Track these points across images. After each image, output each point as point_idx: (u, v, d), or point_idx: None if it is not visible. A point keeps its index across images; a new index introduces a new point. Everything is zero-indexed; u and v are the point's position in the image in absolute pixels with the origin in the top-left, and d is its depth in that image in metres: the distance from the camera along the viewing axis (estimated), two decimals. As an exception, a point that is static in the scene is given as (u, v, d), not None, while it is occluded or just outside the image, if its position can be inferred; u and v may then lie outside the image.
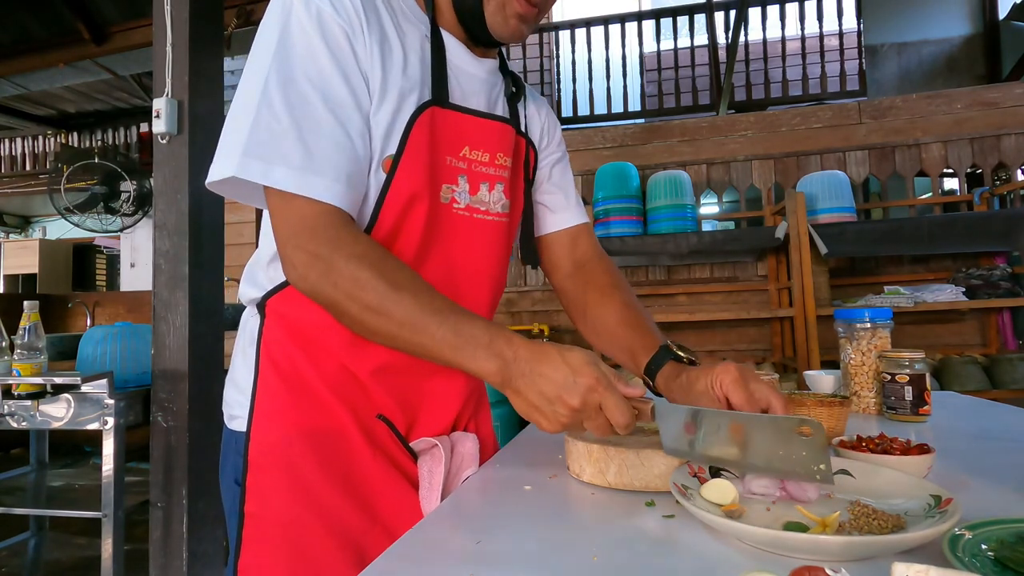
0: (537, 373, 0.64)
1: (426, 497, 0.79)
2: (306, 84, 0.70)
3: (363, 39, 0.73)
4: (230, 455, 0.82)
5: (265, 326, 0.81)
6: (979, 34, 5.81)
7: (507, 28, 0.80)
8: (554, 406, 0.64)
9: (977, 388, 2.89)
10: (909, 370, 1.05)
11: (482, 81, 0.86)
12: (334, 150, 0.70)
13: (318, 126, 0.69)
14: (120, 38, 3.92)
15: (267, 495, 0.76)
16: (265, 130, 0.68)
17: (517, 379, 0.65)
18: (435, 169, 0.79)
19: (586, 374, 0.63)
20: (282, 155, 0.68)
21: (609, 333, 0.92)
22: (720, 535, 0.55)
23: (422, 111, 0.76)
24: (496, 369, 0.65)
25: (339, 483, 0.77)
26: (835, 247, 2.99)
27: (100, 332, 2.13)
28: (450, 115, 0.80)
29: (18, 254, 7.68)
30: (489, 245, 0.87)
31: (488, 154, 0.85)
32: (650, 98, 5.73)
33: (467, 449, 0.85)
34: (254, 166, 0.68)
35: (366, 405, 0.80)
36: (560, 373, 0.63)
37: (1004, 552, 0.46)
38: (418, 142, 0.76)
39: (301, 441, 0.77)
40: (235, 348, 0.87)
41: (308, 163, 0.68)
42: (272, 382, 0.79)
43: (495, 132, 0.86)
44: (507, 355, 0.65)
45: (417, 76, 0.77)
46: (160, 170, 2.13)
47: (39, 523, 2.51)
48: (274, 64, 0.70)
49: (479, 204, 0.85)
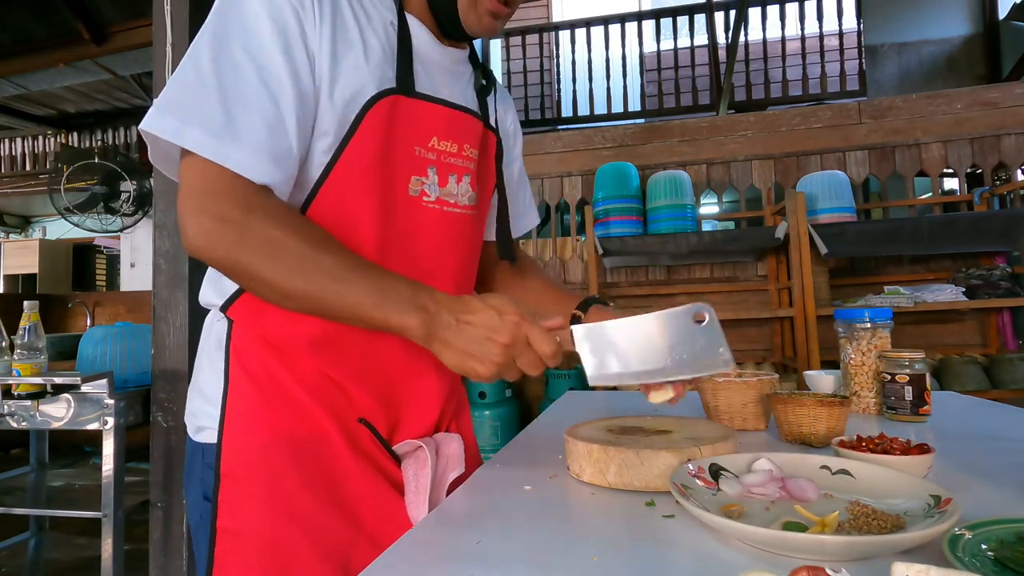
0: (464, 321, 0.64)
1: (412, 502, 0.77)
2: (240, 52, 0.67)
3: (313, 18, 0.70)
4: (196, 469, 0.77)
5: (233, 331, 0.77)
6: (979, 34, 5.81)
7: (480, 25, 0.79)
8: (484, 347, 0.64)
9: (977, 388, 2.89)
10: (909, 370, 1.05)
11: (449, 71, 0.84)
12: (260, 122, 0.66)
13: (244, 95, 0.66)
14: (120, 38, 3.92)
15: (243, 508, 0.72)
16: (188, 89, 0.66)
17: (443, 330, 0.65)
18: (399, 160, 0.76)
19: (510, 311, 0.64)
20: (201, 117, 0.64)
21: (538, 293, 0.99)
22: (720, 535, 0.55)
23: (379, 99, 0.74)
24: (420, 322, 0.64)
25: (321, 491, 0.73)
26: (835, 247, 2.99)
27: (100, 332, 2.13)
28: (416, 104, 0.78)
29: (18, 254, 7.67)
30: (457, 238, 0.84)
31: (456, 145, 0.82)
32: (650, 98, 5.73)
33: (452, 450, 0.83)
34: (169, 123, 0.65)
35: (346, 408, 0.77)
36: (485, 315, 0.64)
37: (1004, 552, 0.46)
38: (371, 130, 0.73)
39: (279, 449, 0.73)
40: (199, 355, 0.82)
41: (227, 131, 0.65)
42: (245, 389, 0.75)
43: (463, 123, 0.83)
44: (430, 308, 0.65)
45: (378, 62, 0.75)
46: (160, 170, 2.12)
47: (39, 523, 2.51)
48: (210, 26, 0.68)
49: (448, 196, 0.82)
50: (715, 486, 0.64)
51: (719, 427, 0.83)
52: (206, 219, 0.64)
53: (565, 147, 4.02)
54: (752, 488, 0.63)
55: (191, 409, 0.81)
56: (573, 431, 0.81)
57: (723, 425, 0.85)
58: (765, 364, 3.49)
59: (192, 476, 0.78)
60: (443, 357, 0.66)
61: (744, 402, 1.01)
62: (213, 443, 0.74)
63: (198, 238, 0.65)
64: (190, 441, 0.80)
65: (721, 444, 0.73)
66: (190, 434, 0.80)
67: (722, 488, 0.64)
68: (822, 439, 0.88)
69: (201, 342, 0.83)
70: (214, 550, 0.71)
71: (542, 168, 4.00)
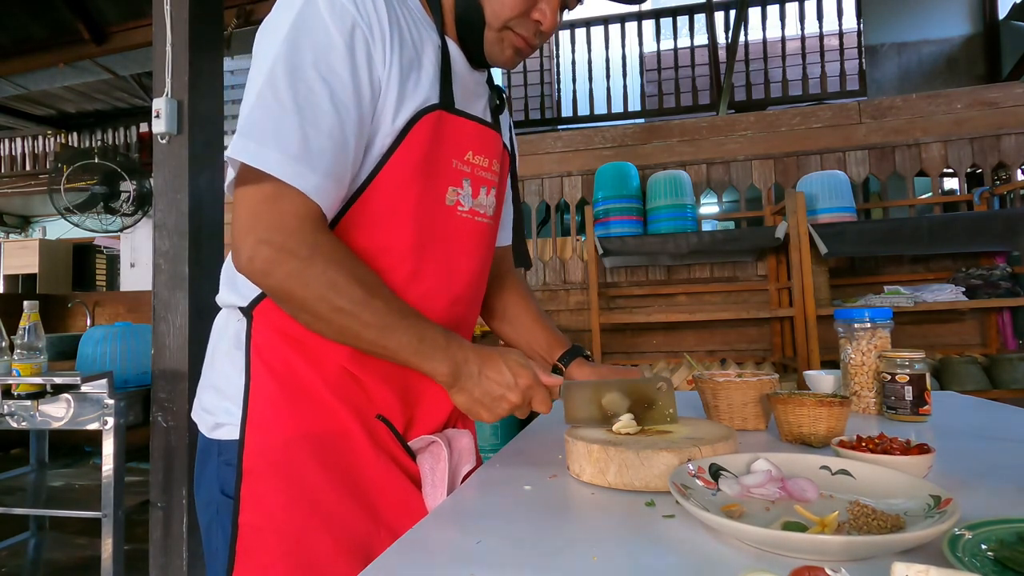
0: (485, 376, 0.75)
1: (431, 494, 0.79)
2: (314, 74, 0.69)
3: (382, 47, 0.73)
4: (211, 465, 0.79)
5: (254, 329, 0.79)
6: (979, 34, 5.81)
7: (502, 58, 0.83)
8: (496, 402, 0.76)
9: (977, 388, 2.89)
10: (909, 370, 1.05)
11: (474, 92, 0.88)
12: (329, 145, 0.69)
13: (318, 119, 0.68)
14: (120, 38, 3.92)
15: (265, 503, 0.74)
16: (265, 112, 0.67)
17: (466, 379, 0.75)
18: (438, 171, 0.80)
19: (524, 376, 0.76)
20: (278, 139, 0.67)
21: (527, 330, 1.09)
22: (720, 535, 0.55)
23: (427, 112, 0.77)
24: (449, 371, 0.74)
25: (343, 486, 0.76)
26: (835, 247, 2.99)
27: (100, 332, 2.13)
28: (456, 120, 0.82)
29: (18, 254, 7.67)
30: (481, 245, 0.90)
31: (487, 159, 0.87)
32: (650, 98, 5.74)
33: (464, 445, 0.86)
34: (249, 146, 0.67)
35: (366, 404, 0.80)
36: (504, 376, 0.75)
37: (1004, 552, 0.46)
38: (417, 141, 0.76)
39: (302, 445, 0.75)
40: (212, 352, 0.84)
41: (304, 153, 0.67)
42: (267, 386, 0.77)
43: (490, 139, 0.88)
44: (459, 359, 0.74)
45: (429, 81, 0.78)
46: (160, 170, 2.13)
47: (39, 523, 2.51)
48: (284, 49, 0.69)
49: (479, 207, 0.87)
50: (715, 486, 0.64)
51: (719, 427, 0.83)
52: (266, 249, 0.67)
53: (565, 147, 4.01)
54: (752, 488, 0.63)
55: (205, 406, 0.82)
56: (573, 431, 0.81)
57: (723, 425, 0.85)
58: (765, 364, 3.49)
59: (205, 472, 0.80)
60: (457, 399, 0.76)
61: (744, 402, 1.01)
62: (232, 439, 0.76)
63: (253, 264, 0.68)
64: (203, 438, 0.82)
65: (721, 444, 0.73)
66: (203, 431, 0.82)
67: (722, 488, 0.64)
68: (822, 439, 0.88)
69: (214, 340, 0.85)
70: (235, 545, 0.73)
71: (542, 168, 4.00)
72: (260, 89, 0.68)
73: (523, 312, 1.10)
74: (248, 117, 0.68)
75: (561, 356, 1.04)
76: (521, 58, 0.84)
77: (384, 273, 0.77)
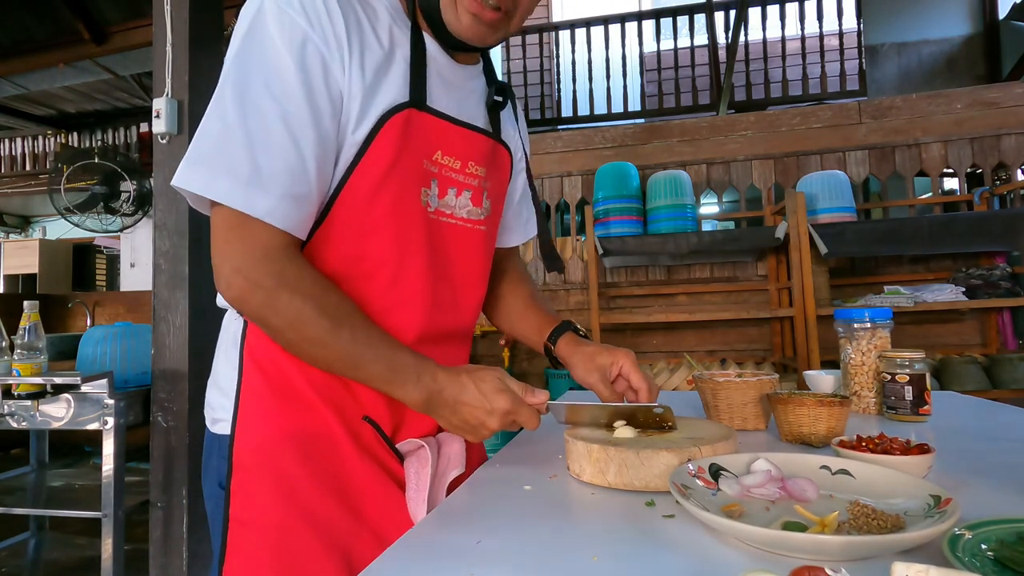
0: (460, 403, 0.74)
1: (412, 499, 0.78)
2: (264, 97, 0.68)
3: (340, 56, 0.71)
4: (213, 459, 0.81)
5: (248, 328, 0.80)
6: (979, 34, 5.81)
7: (460, 24, 0.77)
8: (476, 430, 0.75)
9: (977, 388, 2.89)
10: (909, 370, 1.05)
11: (459, 88, 0.85)
12: (283, 168, 0.68)
13: (269, 141, 0.67)
14: (120, 38, 3.92)
15: (253, 499, 0.75)
16: (214, 140, 0.67)
17: (441, 408, 0.74)
18: (410, 172, 0.78)
19: (501, 400, 0.73)
20: (228, 167, 0.66)
21: (519, 314, 1.07)
22: (720, 535, 0.55)
23: (397, 111, 0.75)
24: (422, 400, 0.74)
25: (326, 486, 0.76)
26: (835, 247, 2.99)
27: (100, 332, 2.13)
28: (426, 118, 0.80)
29: (18, 254, 7.67)
30: (471, 250, 0.89)
31: (460, 161, 0.85)
32: (650, 98, 5.74)
33: (454, 450, 0.85)
34: (197, 176, 0.67)
35: (352, 406, 0.80)
36: (480, 403, 0.73)
37: (1004, 552, 0.46)
38: (385, 143, 0.75)
39: (287, 443, 0.76)
40: (217, 350, 0.86)
41: (255, 178, 0.66)
42: (257, 384, 0.78)
43: (469, 140, 0.85)
44: (432, 388, 0.73)
45: (399, 78, 0.76)
46: (160, 170, 2.13)
47: (39, 523, 2.51)
48: (232, 72, 0.69)
49: (445, 208, 0.85)
50: (715, 486, 0.64)
51: (719, 427, 0.83)
52: (239, 279, 0.68)
53: (565, 147, 4.02)
54: (752, 488, 0.63)
55: (209, 401, 0.84)
56: (573, 431, 0.81)
57: (723, 425, 0.85)
58: (765, 364, 3.49)
59: (209, 465, 0.82)
60: (439, 422, 0.77)
61: (744, 402, 1.01)
62: (227, 434, 0.78)
63: (230, 291, 0.70)
64: (208, 432, 0.83)
65: (721, 444, 0.73)
66: (207, 425, 0.83)
67: (722, 488, 0.64)
68: (822, 439, 0.88)
69: (219, 338, 0.86)
70: (227, 538, 0.75)
71: (542, 168, 4.00)
72: (209, 114, 0.68)
73: (516, 299, 1.08)
74: (197, 144, 0.68)
75: (549, 335, 1.00)
76: (486, 27, 0.78)
77: (364, 280, 0.77)
